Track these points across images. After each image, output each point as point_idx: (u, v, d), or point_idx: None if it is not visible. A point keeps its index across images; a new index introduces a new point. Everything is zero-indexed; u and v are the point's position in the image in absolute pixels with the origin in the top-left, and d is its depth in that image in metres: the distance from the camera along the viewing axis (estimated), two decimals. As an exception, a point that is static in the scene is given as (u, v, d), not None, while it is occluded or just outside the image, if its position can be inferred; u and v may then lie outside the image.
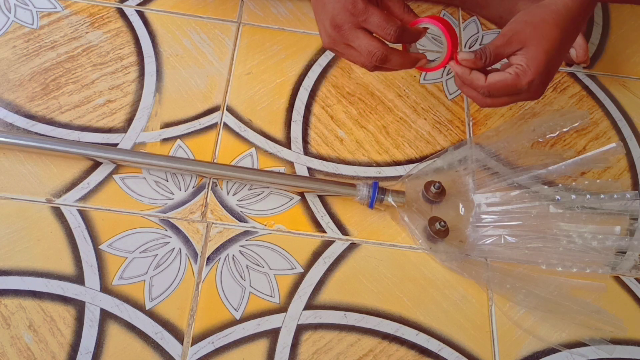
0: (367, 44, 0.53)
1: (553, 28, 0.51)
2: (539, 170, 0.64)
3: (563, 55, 0.54)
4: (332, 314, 0.57)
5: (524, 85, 0.52)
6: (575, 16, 0.52)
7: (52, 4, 0.74)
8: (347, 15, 0.52)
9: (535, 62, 0.51)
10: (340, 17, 0.52)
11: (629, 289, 0.63)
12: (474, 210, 0.63)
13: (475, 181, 0.65)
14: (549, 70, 0.52)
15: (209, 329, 0.55)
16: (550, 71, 0.53)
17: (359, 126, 0.69)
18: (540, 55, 0.51)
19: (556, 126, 0.69)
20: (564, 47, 0.53)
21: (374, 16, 0.51)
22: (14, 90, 0.66)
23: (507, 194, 0.63)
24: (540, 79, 0.52)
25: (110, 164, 0.62)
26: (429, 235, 0.61)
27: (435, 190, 0.62)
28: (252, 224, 0.61)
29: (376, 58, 0.53)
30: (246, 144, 0.66)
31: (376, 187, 0.62)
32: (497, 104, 0.55)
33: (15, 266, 0.56)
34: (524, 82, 0.52)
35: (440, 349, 0.57)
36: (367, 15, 0.51)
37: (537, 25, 0.52)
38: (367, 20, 0.52)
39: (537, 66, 0.51)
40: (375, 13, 0.51)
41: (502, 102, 0.55)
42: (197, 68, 0.71)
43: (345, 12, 0.52)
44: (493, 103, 0.55)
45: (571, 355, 0.58)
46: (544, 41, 0.51)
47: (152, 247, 0.59)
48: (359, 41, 0.53)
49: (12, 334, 0.53)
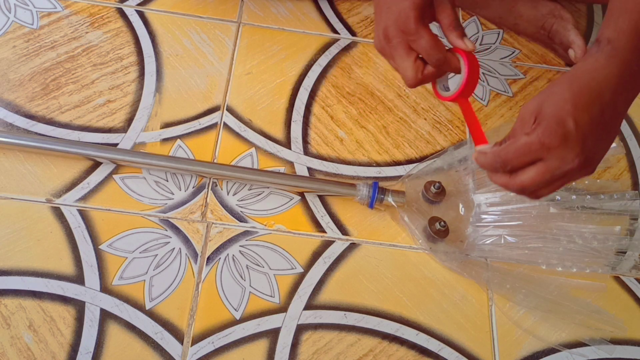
0: (405, 67, 0.53)
1: (561, 86, 0.46)
2: None
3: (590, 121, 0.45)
4: (332, 314, 0.57)
5: (535, 142, 0.45)
6: (599, 81, 0.45)
7: (52, 4, 0.74)
8: (398, 31, 0.52)
9: (546, 118, 0.45)
10: (392, 30, 0.52)
11: (629, 289, 0.63)
12: (474, 210, 0.63)
13: (476, 181, 0.65)
14: (567, 129, 0.44)
15: (209, 329, 0.55)
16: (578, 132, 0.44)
17: (359, 126, 0.69)
18: (550, 108, 0.45)
19: None
20: (585, 109, 0.45)
21: (422, 40, 0.51)
22: (14, 90, 0.66)
23: (507, 194, 0.63)
24: (559, 137, 0.44)
25: (110, 164, 0.62)
26: (429, 235, 0.61)
27: (435, 190, 0.62)
28: (252, 224, 0.61)
29: (408, 83, 0.54)
30: (246, 144, 0.66)
31: (376, 187, 0.62)
32: (528, 182, 0.46)
33: (15, 266, 0.56)
34: (534, 139, 0.45)
35: (440, 349, 0.57)
36: (416, 37, 0.52)
37: (547, 88, 0.47)
38: (416, 42, 0.52)
39: (547, 122, 0.45)
40: (424, 37, 0.51)
41: (532, 177, 0.46)
42: (197, 68, 0.71)
43: (396, 27, 0.52)
44: (523, 183, 0.47)
45: (571, 355, 0.58)
46: (549, 97, 0.46)
47: (152, 247, 0.59)
48: (400, 60, 0.53)
49: (12, 334, 0.53)
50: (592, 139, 0.45)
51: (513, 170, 0.47)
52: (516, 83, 0.76)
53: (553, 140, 0.44)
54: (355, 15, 0.79)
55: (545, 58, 0.79)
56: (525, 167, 0.46)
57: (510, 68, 0.77)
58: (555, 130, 0.44)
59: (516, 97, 0.75)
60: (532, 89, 0.76)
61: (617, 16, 0.47)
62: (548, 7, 0.76)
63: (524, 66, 0.78)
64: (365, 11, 0.79)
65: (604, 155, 0.48)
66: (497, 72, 0.77)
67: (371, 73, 0.74)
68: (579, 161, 0.45)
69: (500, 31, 0.81)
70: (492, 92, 0.75)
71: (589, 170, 0.47)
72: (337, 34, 0.77)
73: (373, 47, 0.76)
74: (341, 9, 0.79)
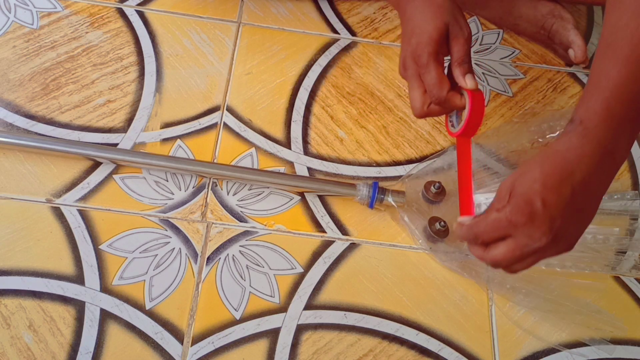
0: (414, 97, 0.56)
1: (534, 165, 0.46)
2: None
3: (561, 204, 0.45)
4: (332, 314, 0.57)
5: (504, 220, 0.46)
6: (571, 161, 0.45)
7: (52, 4, 0.74)
8: (412, 62, 0.55)
9: (515, 196, 0.46)
10: (408, 60, 0.55)
11: (629, 289, 0.63)
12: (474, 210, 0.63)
13: (476, 181, 0.65)
14: (534, 208, 0.45)
15: (209, 329, 0.55)
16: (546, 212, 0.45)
17: (359, 126, 0.69)
18: (521, 187, 0.46)
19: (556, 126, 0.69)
20: (554, 189, 0.45)
21: (429, 74, 0.54)
22: (14, 90, 0.66)
23: None
24: (527, 216, 0.45)
25: (110, 164, 0.62)
26: (429, 235, 0.61)
27: (435, 190, 0.62)
28: (252, 224, 0.61)
29: (414, 112, 0.57)
30: (246, 144, 0.66)
31: (376, 187, 0.62)
32: (500, 257, 0.48)
33: (15, 266, 0.56)
34: (503, 216, 0.46)
35: (440, 349, 0.57)
36: (425, 71, 0.54)
37: (522, 166, 0.48)
38: (424, 75, 0.54)
39: (516, 200, 0.45)
40: (431, 72, 0.54)
41: (503, 252, 0.47)
42: (197, 68, 0.71)
43: (412, 59, 0.55)
44: (495, 257, 0.48)
45: (571, 355, 0.58)
46: (521, 176, 0.46)
47: (152, 247, 0.59)
48: (411, 90, 0.56)
49: (12, 334, 0.53)
50: (561, 219, 0.45)
51: (485, 244, 0.49)
52: (516, 83, 0.76)
53: (520, 219, 0.45)
54: (355, 15, 0.79)
55: (545, 58, 0.79)
56: (497, 242, 0.48)
57: (510, 68, 0.77)
58: (523, 209, 0.45)
59: (516, 97, 0.75)
60: (532, 89, 0.76)
61: (590, 94, 0.47)
62: (548, 7, 0.76)
63: (524, 66, 0.78)
64: (365, 11, 0.80)
65: (579, 233, 0.48)
66: (497, 72, 0.77)
67: (371, 73, 0.74)
68: (546, 240, 0.46)
69: (500, 31, 0.81)
70: (492, 92, 0.75)
71: (563, 247, 0.48)
72: (337, 34, 0.77)
73: (373, 47, 0.76)
74: (341, 9, 0.79)
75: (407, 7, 0.57)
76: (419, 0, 0.56)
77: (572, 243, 0.48)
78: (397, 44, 0.77)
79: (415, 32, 0.55)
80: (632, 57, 0.44)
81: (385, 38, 0.77)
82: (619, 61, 0.45)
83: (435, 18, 0.54)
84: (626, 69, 0.45)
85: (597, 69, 0.47)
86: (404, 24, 0.57)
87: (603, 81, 0.46)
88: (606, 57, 0.46)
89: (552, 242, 0.46)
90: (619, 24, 0.45)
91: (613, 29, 0.46)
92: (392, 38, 0.77)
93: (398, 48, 0.76)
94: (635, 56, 0.44)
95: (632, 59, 0.44)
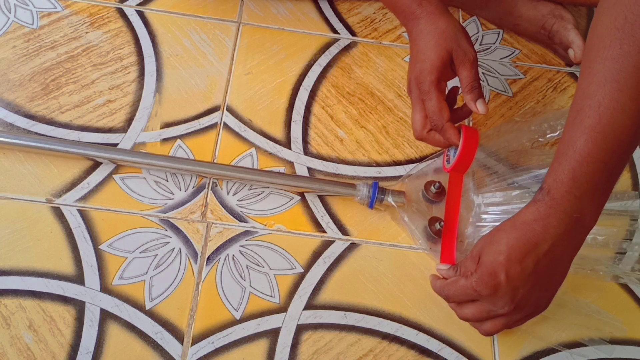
0: (415, 119, 0.59)
1: (501, 235, 0.48)
2: (539, 170, 0.64)
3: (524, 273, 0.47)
4: (332, 314, 0.57)
5: (470, 288, 0.49)
6: (537, 232, 0.47)
7: (52, 4, 0.74)
8: (415, 87, 0.57)
9: (482, 267, 0.48)
10: (413, 85, 0.58)
11: (629, 289, 0.63)
12: (474, 210, 0.63)
13: (475, 181, 0.65)
14: (497, 280, 0.47)
15: (209, 329, 0.55)
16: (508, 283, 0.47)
17: (359, 126, 0.69)
18: (487, 257, 0.48)
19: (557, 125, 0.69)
20: (517, 262, 0.47)
21: (431, 101, 0.56)
22: (14, 90, 0.66)
23: (507, 193, 0.63)
24: (490, 287, 0.47)
25: (110, 164, 0.62)
26: (429, 236, 0.61)
27: (436, 190, 0.62)
28: (252, 224, 0.61)
29: (414, 134, 0.60)
30: (246, 144, 0.66)
31: (376, 187, 0.62)
32: (469, 316, 0.51)
33: (15, 266, 0.56)
34: (469, 284, 0.49)
35: (440, 349, 0.57)
36: (427, 98, 0.56)
37: (491, 233, 0.50)
38: (426, 101, 0.57)
39: (482, 271, 0.48)
40: (433, 99, 0.56)
41: (472, 312, 0.51)
42: (197, 68, 0.71)
43: (416, 84, 0.57)
44: (465, 316, 0.52)
45: (571, 355, 0.58)
46: (489, 245, 0.49)
47: (152, 247, 0.59)
48: (414, 112, 0.59)
49: (12, 334, 0.53)
50: (524, 289, 0.48)
51: (454, 302, 0.53)
52: (516, 83, 0.76)
53: (484, 289, 0.48)
54: (355, 15, 0.79)
55: (545, 58, 0.79)
56: (467, 302, 0.51)
57: (510, 68, 0.77)
58: (487, 281, 0.48)
59: (516, 97, 0.75)
60: (532, 89, 0.76)
61: (558, 163, 0.48)
62: (548, 7, 0.76)
63: (524, 66, 0.78)
64: (365, 11, 0.80)
65: (547, 297, 0.51)
66: (497, 72, 0.77)
67: (371, 73, 0.74)
68: (508, 308, 0.48)
69: (500, 31, 0.81)
70: (492, 92, 0.75)
71: (530, 312, 0.50)
72: (337, 34, 0.77)
73: (373, 47, 0.76)
74: (341, 9, 0.79)
75: (413, 29, 0.59)
76: (424, 24, 0.57)
77: (542, 307, 0.51)
78: (397, 44, 0.77)
79: (419, 58, 0.57)
80: (597, 126, 0.45)
81: (385, 38, 0.77)
82: (586, 130, 0.46)
83: (438, 45, 0.56)
84: (592, 138, 0.45)
85: (566, 137, 0.48)
86: (411, 44, 0.59)
87: (570, 150, 0.47)
88: (574, 125, 0.47)
89: (515, 310, 0.49)
90: (588, 91, 0.46)
91: (582, 95, 0.47)
92: (392, 38, 0.77)
93: (398, 48, 0.76)
94: (601, 125, 0.45)
95: (597, 129, 0.45)
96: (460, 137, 0.57)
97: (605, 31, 0.45)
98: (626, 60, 0.44)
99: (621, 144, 0.45)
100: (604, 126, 0.45)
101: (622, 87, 0.44)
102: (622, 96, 0.44)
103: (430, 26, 0.57)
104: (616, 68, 0.44)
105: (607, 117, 0.45)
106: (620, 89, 0.44)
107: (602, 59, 0.45)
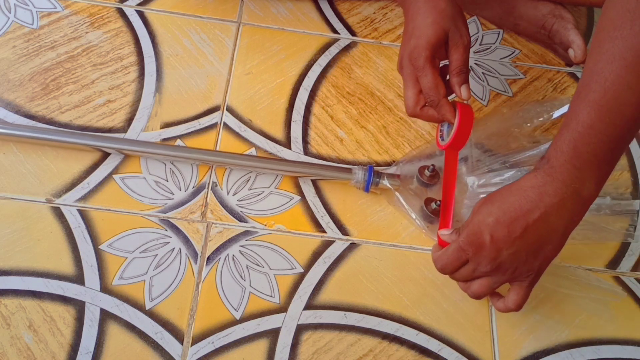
0: (408, 96, 0.58)
1: (495, 197, 0.50)
2: (532, 151, 0.64)
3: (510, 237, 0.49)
4: (332, 314, 0.57)
5: (458, 243, 0.51)
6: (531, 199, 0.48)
7: (52, 4, 0.74)
8: (409, 64, 0.57)
9: (467, 225, 0.51)
10: (405, 61, 0.57)
11: (629, 289, 0.63)
12: (467, 192, 0.63)
13: (468, 165, 0.65)
14: (482, 239, 0.49)
15: (209, 329, 0.55)
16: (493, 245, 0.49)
17: (359, 126, 0.69)
18: (472, 223, 0.50)
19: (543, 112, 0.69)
20: (505, 225, 0.48)
21: (426, 78, 0.56)
22: (14, 90, 0.66)
23: (499, 173, 0.63)
24: (475, 246, 0.50)
25: (110, 163, 0.62)
26: (426, 215, 0.61)
27: (430, 173, 0.62)
28: (252, 224, 0.61)
29: (407, 110, 0.59)
30: (246, 144, 0.66)
31: (371, 171, 0.62)
32: (457, 277, 0.54)
33: (15, 266, 0.56)
34: (458, 241, 0.51)
35: (440, 349, 0.57)
36: (422, 74, 0.56)
37: (490, 195, 0.51)
38: (421, 77, 0.57)
39: (467, 228, 0.50)
40: (428, 75, 0.56)
41: (460, 274, 0.53)
42: (197, 68, 0.71)
43: (409, 60, 0.57)
44: (456, 277, 0.54)
45: (571, 355, 0.58)
46: (483, 205, 0.50)
47: (152, 247, 0.59)
48: (407, 89, 0.58)
49: (12, 334, 0.53)
50: (507, 252, 0.49)
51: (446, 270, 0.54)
52: (516, 83, 0.76)
53: (469, 247, 0.50)
54: (355, 15, 0.79)
55: (545, 58, 0.79)
56: (460, 267, 0.53)
57: (510, 68, 0.77)
58: (472, 240, 0.50)
59: (516, 97, 0.75)
60: (532, 89, 0.76)
61: (560, 134, 0.48)
62: (548, 7, 0.76)
63: (524, 66, 0.78)
64: (365, 11, 0.80)
65: (539, 264, 0.51)
66: (497, 72, 0.77)
67: (371, 73, 0.74)
68: (490, 267, 0.50)
69: (500, 31, 0.81)
70: (492, 92, 0.75)
71: (517, 275, 0.51)
72: (337, 34, 0.77)
73: (373, 47, 0.76)
74: (341, 9, 0.79)
75: (410, 7, 0.58)
76: (422, 2, 0.57)
77: (529, 273, 0.51)
78: (397, 44, 0.77)
79: (415, 34, 0.56)
80: (602, 100, 0.46)
81: (385, 38, 0.77)
82: (590, 104, 0.47)
83: (436, 23, 0.56)
84: (595, 111, 0.46)
85: (571, 110, 0.49)
86: (406, 23, 0.58)
87: (573, 122, 0.47)
88: (579, 99, 0.48)
89: (496, 270, 0.50)
90: (595, 69, 0.47)
91: (590, 73, 0.47)
92: (392, 38, 0.77)
93: (398, 48, 0.76)
94: (605, 100, 0.46)
95: (602, 103, 0.46)
96: (456, 114, 0.57)
97: (617, 14, 0.46)
98: (635, 39, 0.45)
99: (625, 120, 0.46)
100: (609, 100, 0.46)
101: (629, 64, 0.45)
102: (628, 73, 0.45)
103: (430, 4, 0.56)
104: (625, 46, 0.45)
105: (612, 92, 0.45)
106: (627, 66, 0.45)
107: (611, 38, 0.46)
